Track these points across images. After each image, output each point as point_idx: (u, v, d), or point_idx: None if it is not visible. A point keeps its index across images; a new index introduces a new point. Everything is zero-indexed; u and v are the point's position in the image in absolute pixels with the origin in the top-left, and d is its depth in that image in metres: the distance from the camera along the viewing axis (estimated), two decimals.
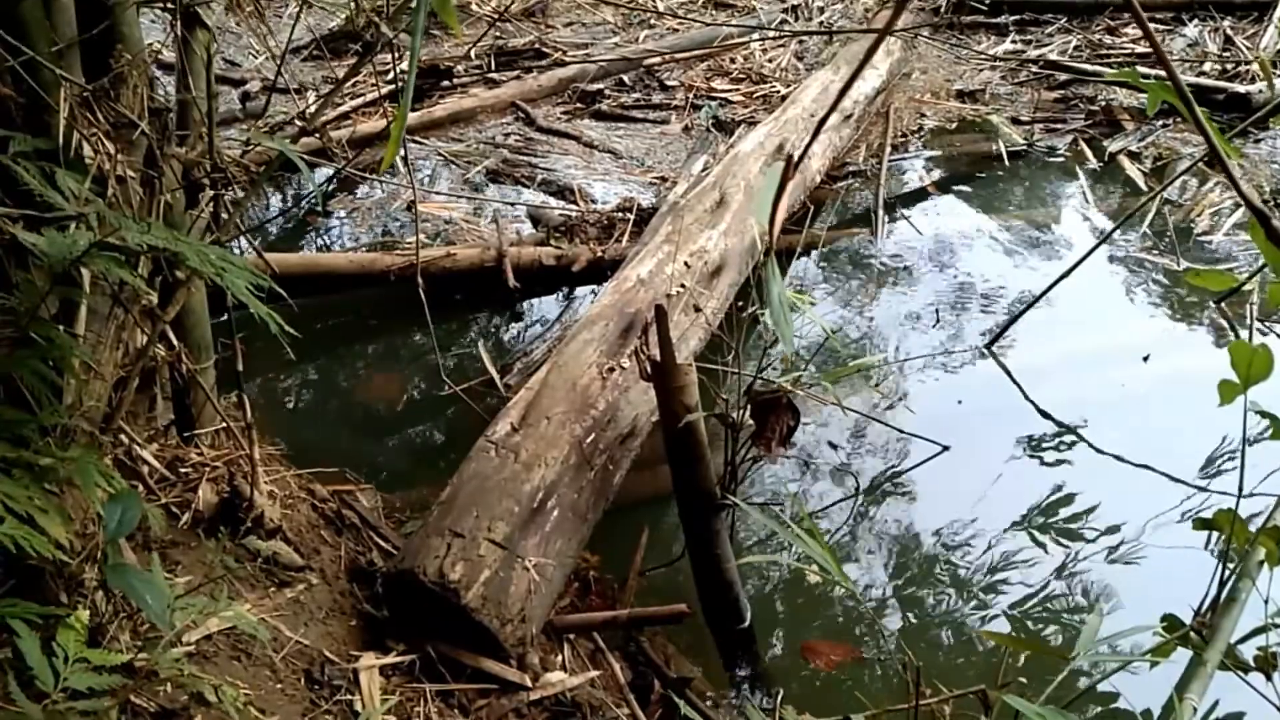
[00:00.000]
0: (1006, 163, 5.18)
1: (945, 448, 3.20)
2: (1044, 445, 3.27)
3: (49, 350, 1.55)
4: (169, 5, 2.14)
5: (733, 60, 6.31)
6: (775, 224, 0.95)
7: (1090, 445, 3.23)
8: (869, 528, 2.98)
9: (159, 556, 1.86)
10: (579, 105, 5.98)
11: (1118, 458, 3.15)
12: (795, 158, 0.97)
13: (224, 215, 2.02)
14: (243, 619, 1.48)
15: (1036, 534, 2.95)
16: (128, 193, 1.87)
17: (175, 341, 2.13)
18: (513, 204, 4.79)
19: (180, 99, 2.15)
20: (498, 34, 6.37)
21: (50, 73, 1.85)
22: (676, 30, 6.75)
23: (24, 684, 1.23)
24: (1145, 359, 3.64)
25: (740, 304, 3.45)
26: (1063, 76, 6.04)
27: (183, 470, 2.15)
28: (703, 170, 4.61)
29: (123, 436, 1.96)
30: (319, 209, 4.70)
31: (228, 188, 2.01)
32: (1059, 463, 3.21)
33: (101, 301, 1.79)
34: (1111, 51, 6.30)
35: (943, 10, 6.79)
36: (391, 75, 5.69)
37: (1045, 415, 3.39)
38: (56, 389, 1.60)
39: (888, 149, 5.14)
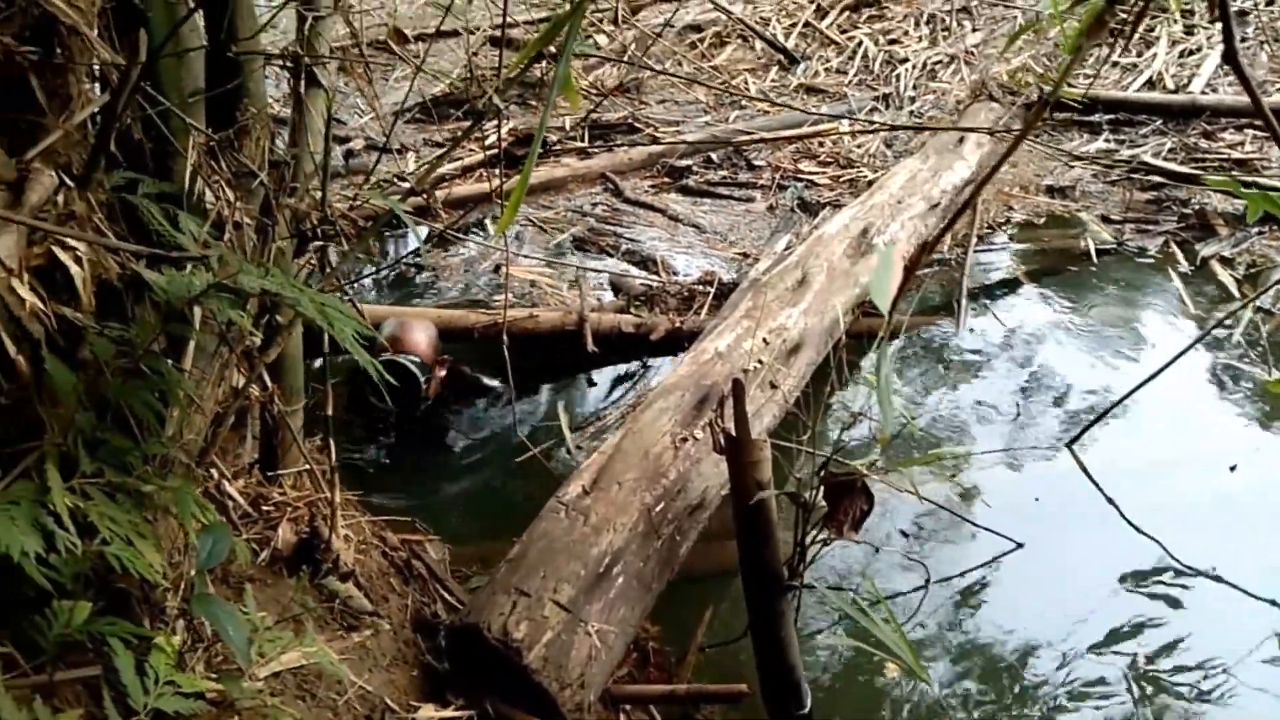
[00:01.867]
0: (1095, 261, 5.11)
1: (1019, 545, 3.13)
2: (1122, 552, 3.17)
3: (158, 382, 1.63)
4: (288, 65, 2.27)
5: (821, 144, 6.39)
6: (892, 305, 0.97)
7: (1171, 556, 3.11)
8: (936, 621, 2.91)
9: (237, 593, 1.91)
10: (666, 179, 6.10)
11: (1202, 573, 3.03)
12: (930, 242, 0.99)
13: (329, 266, 2.11)
14: (325, 657, 1.51)
15: (1110, 650, 2.84)
16: (243, 239, 1.97)
17: (270, 383, 2.22)
18: (596, 271, 4.88)
19: (294, 153, 2.26)
20: (592, 107, 6.55)
21: (180, 121, 1.97)
22: (767, 113, 6.87)
23: (115, 701, 1.28)
24: (1232, 469, 3.52)
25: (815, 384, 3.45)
26: (1156, 178, 5.98)
27: (265, 508, 2.22)
28: (786, 249, 4.66)
29: (214, 470, 2.03)
30: (417, 265, 4.88)
31: (335, 240, 2.10)
32: (1137, 571, 3.10)
33: (209, 340, 1.88)
34: (1207, 156, 6.23)
35: (1035, 107, 6.79)
36: (489, 141, 5.90)
37: (1126, 520, 3.28)
38: (160, 420, 1.68)
39: (974, 239, 5.13)
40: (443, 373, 3.67)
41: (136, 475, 1.54)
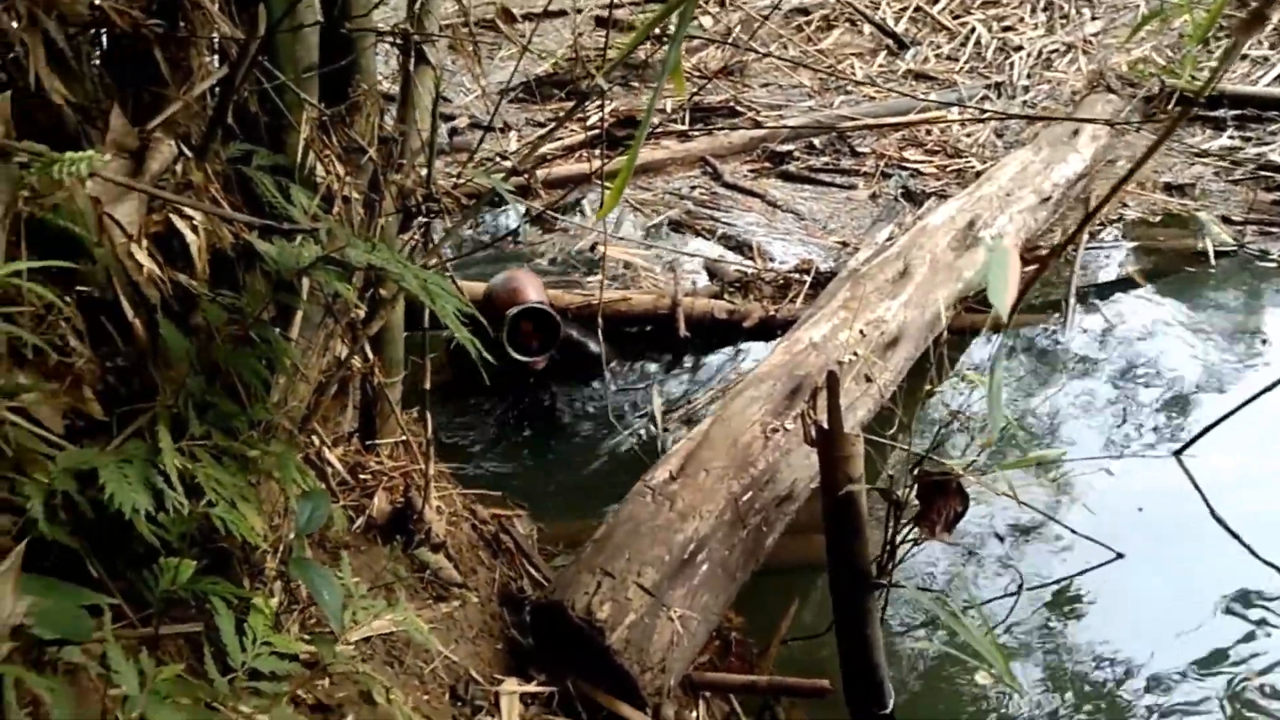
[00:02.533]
0: (1212, 262, 4.88)
1: (1119, 555, 3.01)
2: (1228, 569, 3.02)
3: (266, 350, 1.67)
4: (398, 42, 2.30)
5: (928, 131, 6.23)
6: (1014, 303, 0.93)
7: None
8: (1027, 629, 2.83)
9: (332, 557, 1.96)
10: (767, 164, 6.03)
11: None
12: (1059, 248, 0.95)
13: (432, 242, 2.14)
14: (413, 624, 1.54)
15: (1209, 671, 2.71)
16: (350, 213, 2.00)
17: (371, 355, 2.26)
18: (691, 255, 4.86)
19: (401, 130, 2.29)
20: (695, 91, 6.51)
21: (294, 96, 2.01)
22: (873, 98, 6.73)
23: (215, 658, 1.32)
24: None
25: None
26: None
27: (362, 477, 2.27)
28: (887, 239, 4.56)
29: (314, 438, 2.08)
30: (516, 242, 4.94)
31: (439, 216, 2.12)
32: (1243, 589, 2.96)
33: (315, 310, 1.93)
34: None
35: (1155, 99, 6.50)
36: (590, 121, 5.91)
37: (1234, 536, 3.14)
38: (267, 386, 1.72)
39: (1084, 236, 4.94)
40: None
41: (242, 439, 1.58)
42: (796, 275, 4.46)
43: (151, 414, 1.54)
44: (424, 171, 2.21)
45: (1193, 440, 3.51)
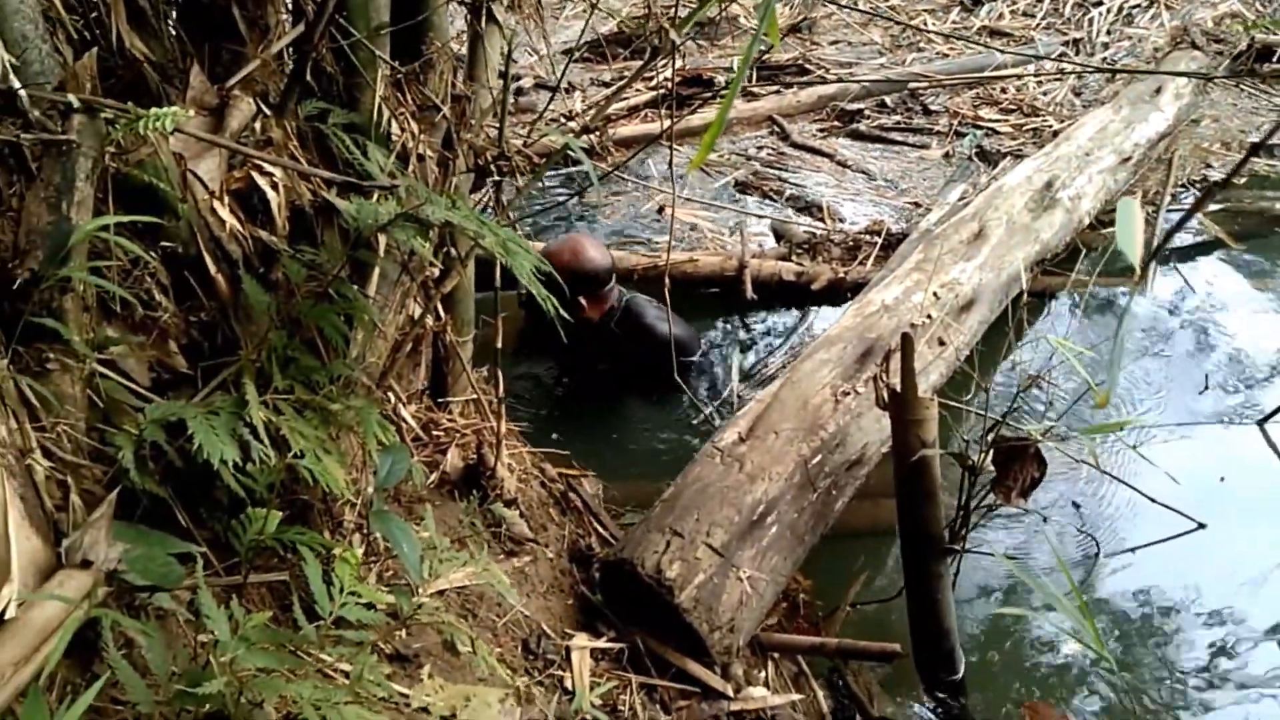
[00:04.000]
0: None
1: (1201, 525, 2.93)
2: None
3: (345, 306, 1.69)
4: (468, 1, 2.28)
5: (1003, 90, 6.06)
6: (1147, 261, 0.90)
7: None
8: (1105, 598, 2.77)
9: (408, 511, 1.99)
10: (836, 124, 5.93)
11: None
12: (1206, 193, 0.91)
13: (504, 201, 2.14)
14: (495, 575, 1.55)
15: None
16: (425, 171, 2.01)
17: (443, 313, 2.28)
18: (760, 216, 4.80)
19: (472, 89, 2.29)
20: (764, 49, 6.40)
21: (369, 54, 2.01)
22: (946, 55, 6.55)
23: (301, 606, 1.35)
24: None
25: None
26: None
27: (435, 433, 2.29)
28: (960, 200, 4.46)
29: (390, 394, 2.11)
30: (583, 204, 4.92)
31: (510, 175, 2.12)
32: None
33: (392, 268, 1.94)
34: None
35: (1244, 56, 6.24)
36: (654, 81, 5.85)
37: None
38: (346, 342, 1.75)
39: (1166, 197, 4.77)
40: (615, 290, 3.62)
41: (323, 394, 1.61)
42: (867, 236, 4.38)
43: (236, 367, 1.56)
44: (495, 131, 2.20)
45: (1277, 410, 3.39)
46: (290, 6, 2.05)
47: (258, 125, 1.86)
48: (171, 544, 1.40)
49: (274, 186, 1.75)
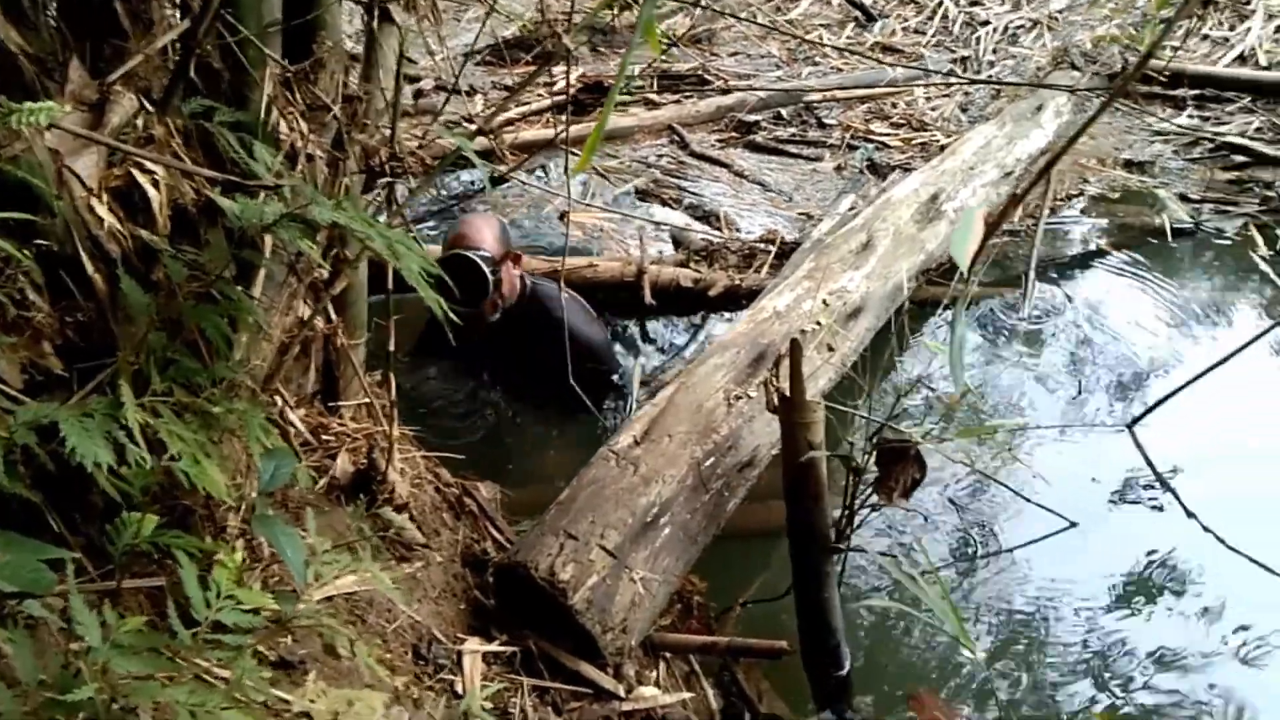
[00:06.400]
0: (1170, 240, 4.97)
1: (1072, 524, 3.09)
2: (1178, 539, 3.10)
3: (228, 308, 1.66)
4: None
5: (894, 104, 6.27)
6: (973, 264, 0.96)
7: (1224, 544, 3.04)
8: (981, 595, 2.89)
9: (295, 516, 1.96)
10: (734, 134, 6.04)
11: (1261, 565, 2.96)
12: (1017, 196, 0.97)
13: (395, 203, 2.13)
14: (378, 579, 1.55)
15: (1159, 626, 2.81)
16: (314, 171, 1.99)
17: (334, 316, 2.25)
18: (658, 224, 4.86)
19: (366, 89, 2.27)
20: (662, 52, 6.48)
21: (257, 51, 1.98)
22: (841, 70, 6.74)
23: (178, 611, 1.32)
24: None
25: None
26: (1240, 158, 5.78)
27: (324, 438, 2.26)
28: (850, 210, 4.59)
29: (277, 398, 2.07)
30: (487, 201, 4.88)
31: (402, 177, 2.11)
32: (1192, 559, 3.04)
33: (278, 269, 1.91)
34: None
35: (1119, 77, 6.58)
36: (557, 86, 5.87)
37: (1183, 506, 3.22)
38: (229, 344, 1.71)
39: (1045, 210, 5.00)
40: (516, 270, 3.43)
41: (204, 396, 1.58)
42: (762, 245, 4.48)
43: (113, 369, 1.52)
44: (388, 131, 2.19)
45: (1146, 413, 3.59)
46: (177, 1, 2.00)
47: (140, 122, 1.82)
48: (43, 550, 1.36)
49: (155, 185, 1.71)
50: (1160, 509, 3.24)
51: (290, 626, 1.48)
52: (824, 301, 3.34)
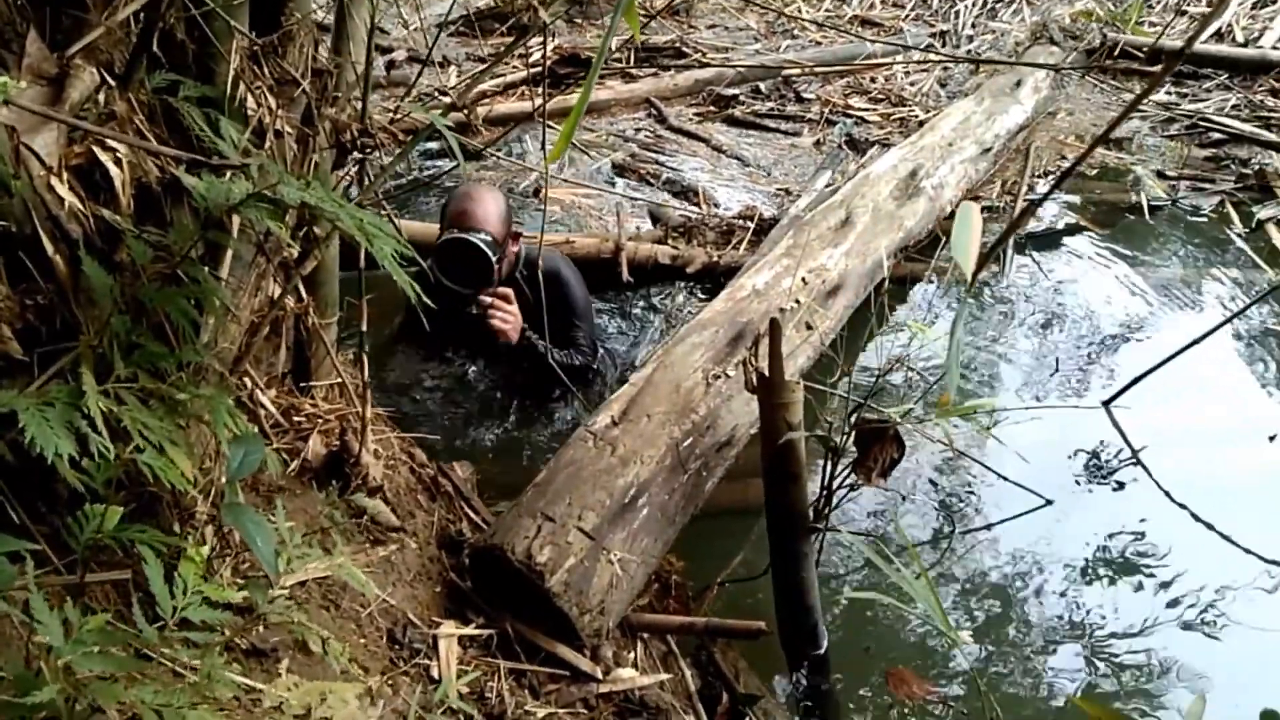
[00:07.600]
0: (1147, 216, 4.98)
1: (1049, 502, 3.10)
2: (1154, 515, 3.13)
3: (194, 290, 1.61)
4: None
5: (873, 79, 6.23)
6: (977, 262, 0.93)
7: (1199, 521, 3.06)
8: (959, 572, 2.91)
9: (266, 501, 1.92)
10: (712, 108, 5.99)
11: (1232, 541, 2.99)
12: (1033, 203, 0.94)
13: (367, 180, 2.08)
14: (349, 571, 1.52)
15: (1130, 601, 2.83)
16: (283, 148, 1.93)
17: (305, 295, 2.20)
18: (635, 199, 4.81)
19: (336, 63, 2.21)
20: (641, 27, 6.41)
21: (224, 24, 1.92)
22: (819, 43, 6.69)
23: (144, 606, 1.29)
24: (1272, 439, 3.45)
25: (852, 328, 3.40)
26: (1216, 135, 5.80)
27: (296, 419, 2.22)
28: (828, 186, 4.57)
29: (247, 380, 2.03)
30: (455, 180, 4.78)
31: (374, 152, 2.06)
32: (1165, 535, 3.06)
33: (246, 249, 1.86)
34: (1273, 114, 6.01)
35: (1097, 54, 6.57)
36: (533, 59, 5.79)
37: (1156, 483, 3.24)
38: (196, 327, 1.67)
39: (1023, 187, 5.00)
40: (515, 248, 3.24)
41: (170, 382, 1.53)
42: (740, 222, 4.44)
43: (74, 354, 1.48)
44: (359, 105, 2.13)
45: (1120, 392, 3.59)
46: None
47: (101, 97, 1.76)
48: (3, 542, 1.32)
49: (117, 162, 1.65)
50: (1124, 485, 3.26)
51: (263, 616, 1.45)
52: (803, 279, 3.32)
